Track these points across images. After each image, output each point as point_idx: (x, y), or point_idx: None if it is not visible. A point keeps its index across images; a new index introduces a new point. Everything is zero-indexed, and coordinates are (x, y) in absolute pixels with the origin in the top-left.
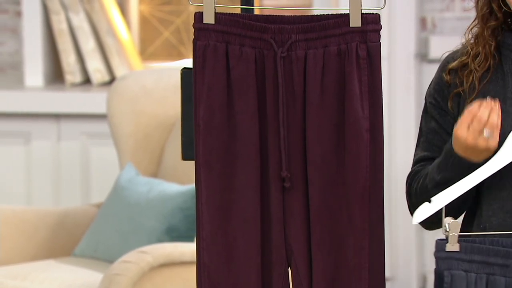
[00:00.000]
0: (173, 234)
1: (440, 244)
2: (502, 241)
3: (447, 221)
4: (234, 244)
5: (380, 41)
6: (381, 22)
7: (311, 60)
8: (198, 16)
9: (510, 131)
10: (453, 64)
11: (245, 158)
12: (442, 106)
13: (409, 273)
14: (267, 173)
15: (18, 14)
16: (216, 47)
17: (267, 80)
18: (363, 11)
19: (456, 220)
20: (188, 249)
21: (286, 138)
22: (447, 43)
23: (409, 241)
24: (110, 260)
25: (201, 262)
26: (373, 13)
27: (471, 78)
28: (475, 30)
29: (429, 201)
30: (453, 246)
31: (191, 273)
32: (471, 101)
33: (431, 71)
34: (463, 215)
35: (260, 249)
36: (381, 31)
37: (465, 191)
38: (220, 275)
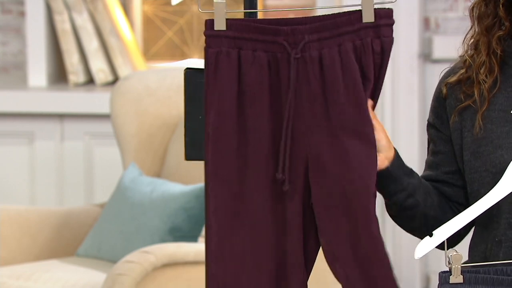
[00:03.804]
0: (176, 234)
1: (444, 277)
2: (506, 269)
3: (449, 253)
4: (244, 255)
5: (393, 36)
6: None
7: (328, 60)
8: (209, 23)
9: None
10: (453, 79)
11: (255, 165)
12: (435, 124)
13: (413, 273)
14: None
15: (22, 14)
16: (229, 54)
17: (282, 84)
18: (375, 6)
19: (459, 253)
20: (192, 249)
21: (287, 140)
22: (450, 43)
23: (413, 241)
24: (114, 260)
25: (210, 273)
26: (385, 8)
27: (480, 90)
28: (472, 39)
29: (431, 235)
30: (456, 278)
31: (194, 273)
32: (482, 113)
33: (435, 71)
34: (473, 229)
35: (273, 259)
36: None
37: (466, 223)
38: (231, 283)
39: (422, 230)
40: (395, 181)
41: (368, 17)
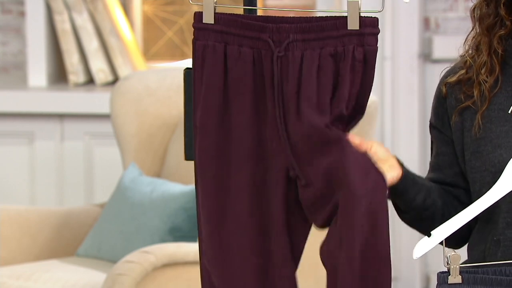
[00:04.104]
0: (177, 234)
1: (442, 277)
2: (505, 270)
3: (448, 253)
4: (229, 247)
5: (377, 45)
6: (385, 23)
7: (307, 61)
8: (198, 15)
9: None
10: (453, 79)
11: (239, 160)
12: (437, 125)
13: (413, 273)
14: (267, 175)
15: (22, 14)
16: (215, 48)
17: (266, 81)
18: (362, 14)
19: (457, 253)
20: (192, 249)
21: (286, 139)
22: (450, 43)
23: (413, 241)
24: (114, 260)
25: (202, 263)
26: (371, 17)
27: (481, 90)
28: (474, 40)
29: (429, 235)
30: (455, 278)
31: (194, 273)
32: (482, 112)
33: (435, 71)
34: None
35: (257, 253)
36: (384, 32)
37: (464, 223)
38: (218, 277)
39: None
40: (412, 185)
41: (353, 25)
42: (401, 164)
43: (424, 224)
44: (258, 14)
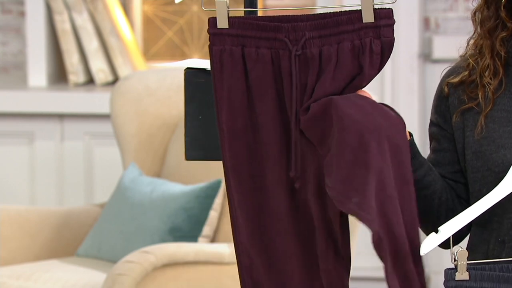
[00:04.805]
0: (177, 234)
1: (449, 274)
2: None
3: (455, 250)
4: (272, 244)
5: (393, 36)
6: None
7: (325, 56)
8: (212, 21)
9: None
10: (456, 79)
11: (271, 158)
12: (439, 123)
13: None
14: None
15: (22, 14)
16: (232, 51)
17: (284, 80)
18: (375, 6)
19: (464, 249)
20: (191, 249)
21: (297, 137)
22: (450, 43)
23: None
24: (114, 260)
25: (242, 265)
26: (385, 8)
27: (485, 92)
28: (476, 43)
29: (436, 231)
30: (462, 275)
31: (194, 273)
32: (486, 114)
33: (435, 71)
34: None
35: (300, 247)
36: None
37: (473, 218)
38: (262, 275)
39: (437, 214)
40: (414, 157)
41: (368, 17)
42: (410, 133)
43: (420, 204)
44: (260, 15)
